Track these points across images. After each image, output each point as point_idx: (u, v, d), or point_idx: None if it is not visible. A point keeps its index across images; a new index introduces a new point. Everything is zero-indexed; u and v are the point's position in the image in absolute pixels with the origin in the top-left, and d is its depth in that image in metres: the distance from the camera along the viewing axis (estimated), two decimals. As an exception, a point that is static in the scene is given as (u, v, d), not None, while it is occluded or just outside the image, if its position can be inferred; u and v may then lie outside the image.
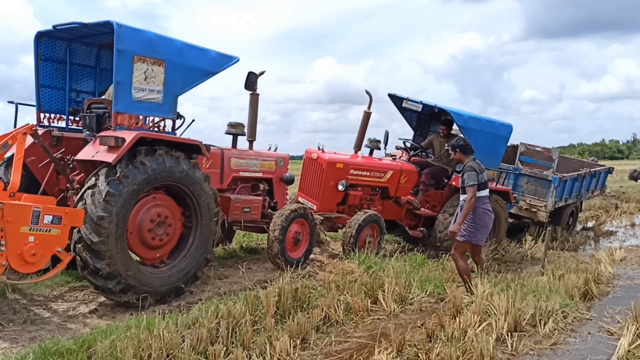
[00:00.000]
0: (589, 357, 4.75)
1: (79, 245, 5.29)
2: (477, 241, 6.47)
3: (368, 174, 8.86)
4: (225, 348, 4.32)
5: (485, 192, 6.45)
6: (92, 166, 5.65)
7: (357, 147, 9.33)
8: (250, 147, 7.97)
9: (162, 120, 6.04)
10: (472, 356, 4.39)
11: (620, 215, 16.40)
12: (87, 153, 5.61)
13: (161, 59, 5.78)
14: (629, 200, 19.34)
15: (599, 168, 13.70)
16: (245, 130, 7.74)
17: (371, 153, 9.53)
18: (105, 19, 5.62)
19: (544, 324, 5.33)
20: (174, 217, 6.02)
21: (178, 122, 6.39)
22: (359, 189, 8.79)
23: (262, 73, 7.59)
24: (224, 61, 6.51)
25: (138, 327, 4.34)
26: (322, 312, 5.31)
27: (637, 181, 30.93)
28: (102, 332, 4.45)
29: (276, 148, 8.42)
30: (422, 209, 9.33)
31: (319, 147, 8.78)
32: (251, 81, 7.48)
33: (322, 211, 8.31)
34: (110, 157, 5.30)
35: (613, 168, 14.58)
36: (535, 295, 5.92)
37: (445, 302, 6.05)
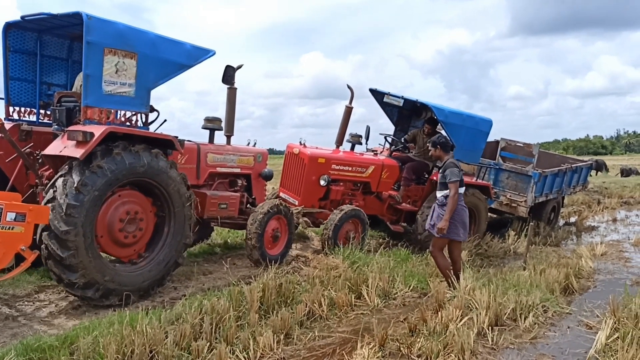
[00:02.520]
0: (567, 350, 4.84)
1: (50, 261, 5.14)
2: (455, 236, 6.41)
3: (350, 169, 8.87)
4: (208, 344, 4.32)
5: (462, 190, 6.46)
6: (60, 161, 5.46)
7: (339, 142, 9.34)
8: (228, 142, 7.83)
9: (134, 114, 5.87)
10: (453, 350, 4.45)
11: (602, 211, 16.63)
12: (55, 148, 5.40)
13: (133, 52, 5.63)
14: (611, 195, 19.60)
15: (580, 164, 13.78)
16: (223, 125, 7.61)
17: (353, 148, 9.54)
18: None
19: (525, 318, 5.41)
20: (144, 210, 5.87)
21: (152, 117, 6.22)
22: (341, 184, 8.81)
23: (239, 67, 7.48)
24: (200, 54, 6.34)
25: (121, 323, 4.32)
26: (306, 307, 5.34)
27: (621, 176, 31.35)
28: (85, 329, 4.43)
29: (255, 143, 8.30)
30: (404, 203, 9.37)
31: (300, 142, 8.76)
32: (229, 75, 7.35)
33: (303, 206, 8.30)
34: (78, 152, 5.10)
35: (595, 162, 14.72)
36: (517, 289, 6.00)
37: (428, 296, 6.12)
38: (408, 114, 10.72)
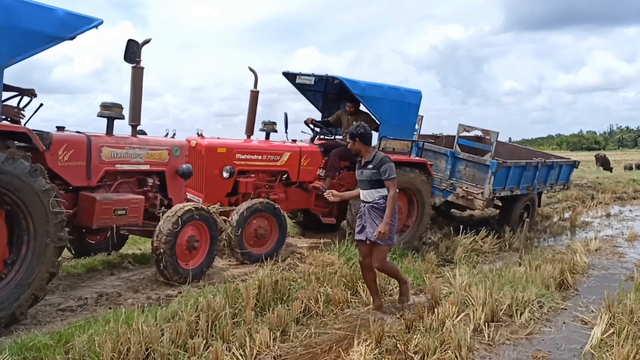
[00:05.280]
0: (563, 346, 4.86)
1: None
2: (390, 242, 5.50)
3: (259, 157, 8.08)
4: (205, 341, 4.31)
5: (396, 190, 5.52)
6: None
7: (249, 131, 8.63)
8: (134, 134, 6.42)
9: None
10: (450, 346, 4.45)
11: (596, 206, 16.67)
12: None
13: None
14: (604, 191, 19.66)
15: (558, 160, 12.68)
16: (126, 112, 6.25)
17: (267, 137, 8.75)
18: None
19: (520, 314, 5.43)
20: None
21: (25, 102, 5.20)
22: (252, 175, 8.01)
23: (146, 42, 6.18)
24: (79, 23, 4.96)
25: (117, 322, 4.30)
26: (302, 304, 5.32)
27: (608, 170, 31.49)
28: (80, 327, 4.41)
29: (174, 134, 7.03)
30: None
31: (197, 133, 7.88)
32: (132, 51, 6.02)
33: (209, 203, 7.24)
34: None
35: (579, 162, 13.84)
36: (512, 285, 6.02)
37: (424, 293, 6.12)
38: (335, 98, 9.83)
